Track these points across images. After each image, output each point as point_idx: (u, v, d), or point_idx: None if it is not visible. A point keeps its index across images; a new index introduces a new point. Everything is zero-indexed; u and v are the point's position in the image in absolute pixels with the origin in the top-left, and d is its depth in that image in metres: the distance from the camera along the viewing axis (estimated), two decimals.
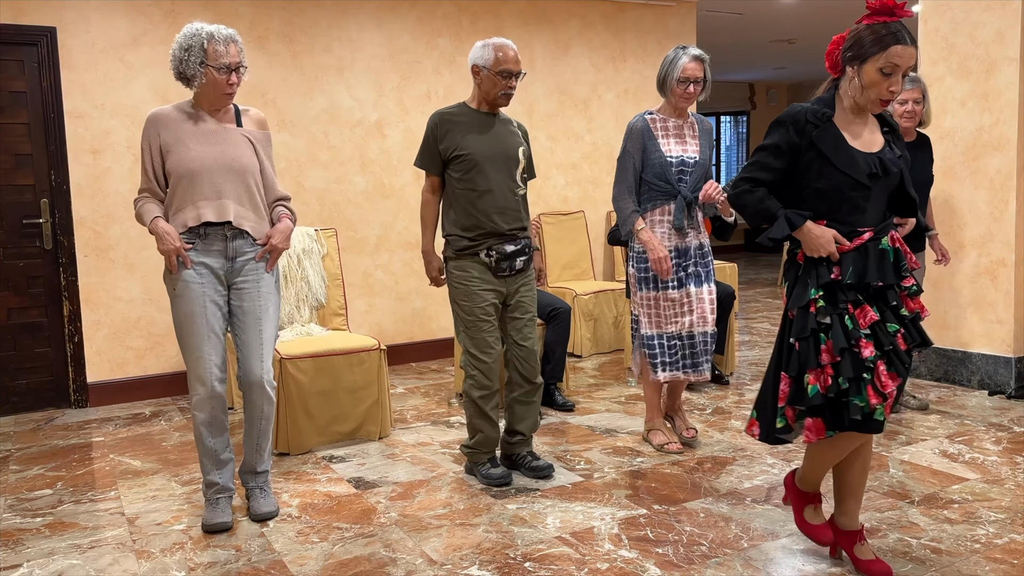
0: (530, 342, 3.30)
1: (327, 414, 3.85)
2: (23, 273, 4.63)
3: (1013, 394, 4.39)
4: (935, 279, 4.74)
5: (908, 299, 2.31)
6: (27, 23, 4.53)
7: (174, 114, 2.88)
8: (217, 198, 2.82)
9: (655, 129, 3.49)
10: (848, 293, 2.25)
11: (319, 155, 5.36)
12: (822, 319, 2.23)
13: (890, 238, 2.30)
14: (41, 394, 4.72)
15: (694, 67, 3.41)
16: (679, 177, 3.45)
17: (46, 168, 4.63)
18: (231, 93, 2.86)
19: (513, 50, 3.18)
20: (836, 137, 2.26)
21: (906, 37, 2.18)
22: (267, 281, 2.96)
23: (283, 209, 3.01)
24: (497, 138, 3.22)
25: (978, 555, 2.57)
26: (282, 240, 2.95)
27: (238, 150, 2.88)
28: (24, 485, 3.48)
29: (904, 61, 2.18)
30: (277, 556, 2.70)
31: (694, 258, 3.49)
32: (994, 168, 4.47)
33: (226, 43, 2.79)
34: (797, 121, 2.30)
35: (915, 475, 3.28)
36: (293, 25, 5.23)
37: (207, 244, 2.85)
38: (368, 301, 5.61)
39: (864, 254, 2.26)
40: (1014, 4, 4.32)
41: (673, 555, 2.62)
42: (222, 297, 2.89)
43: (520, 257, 3.25)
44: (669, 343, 3.49)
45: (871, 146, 2.30)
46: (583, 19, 6.29)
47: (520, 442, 3.40)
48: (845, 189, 2.25)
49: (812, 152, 2.28)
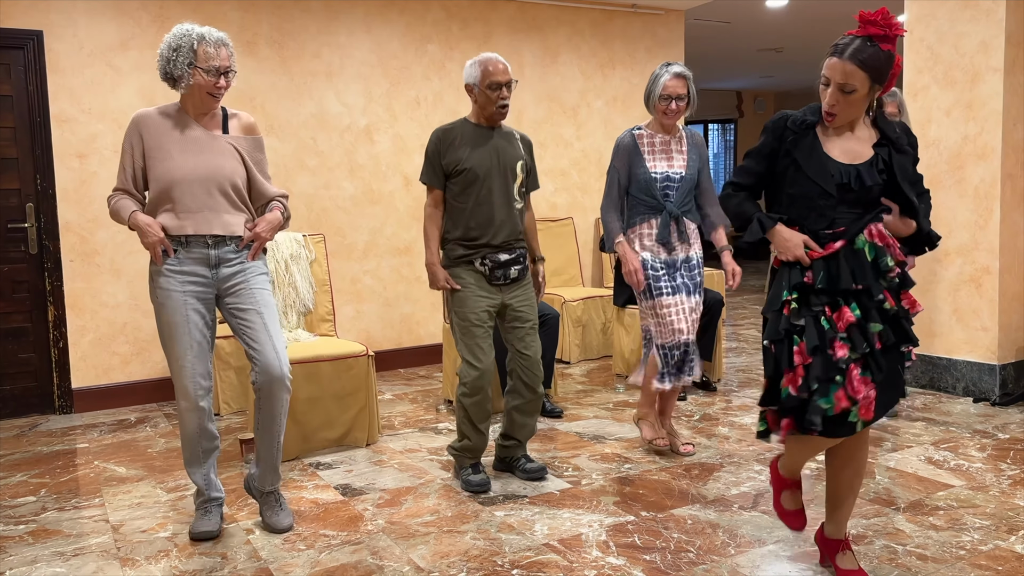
0: (532, 350, 3.30)
1: (314, 420, 3.83)
2: (8, 278, 4.59)
3: (998, 401, 4.43)
4: (920, 287, 4.77)
5: (890, 294, 2.26)
6: (13, 26, 4.50)
7: (158, 118, 2.80)
8: (198, 210, 2.75)
9: (642, 145, 3.54)
10: (821, 296, 2.24)
11: (307, 160, 5.35)
12: (795, 320, 2.23)
13: (867, 233, 2.27)
14: (25, 400, 4.68)
15: (675, 84, 3.45)
16: (664, 193, 3.50)
17: (32, 172, 4.60)
18: (218, 97, 2.79)
19: (500, 62, 3.21)
20: (811, 145, 2.27)
21: (842, 51, 2.17)
22: (259, 280, 2.88)
23: (276, 203, 2.94)
24: (495, 152, 3.25)
25: (963, 561, 2.58)
26: (266, 229, 2.85)
27: (221, 159, 2.80)
28: (7, 492, 3.44)
29: (832, 74, 2.19)
30: (263, 564, 2.68)
31: (680, 270, 3.53)
32: (978, 177, 4.51)
33: (217, 46, 2.73)
34: (777, 127, 2.33)
35: (901, 482, 3.30)
36: (282, 30, 5.22)
37: (189, 252, 2.78)
38: (356, 307, 5.59)
39: (836, 259, 2.25)
40: (998, 15, 4.37)
41: (660, 562, 2.62)
42: (206, 305, 2.82)
43: (515, 266, 3.27)
44: (671, 352, 3.51)
45: (855, 157, 2.28)
46: (572, 26, 6.32)
47: (515, 447, 3.43)
48: (814, 197, 2.26)
49: (788, 158, 2.30)
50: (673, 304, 3.48)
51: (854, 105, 2.23)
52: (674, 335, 3.46)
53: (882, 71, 2.18)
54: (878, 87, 2.23)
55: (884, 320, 2.24)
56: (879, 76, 2.19)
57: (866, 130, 2.33)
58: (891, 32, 2.17)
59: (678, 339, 3.47)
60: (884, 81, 2.22)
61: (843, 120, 2.27)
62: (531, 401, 3.33)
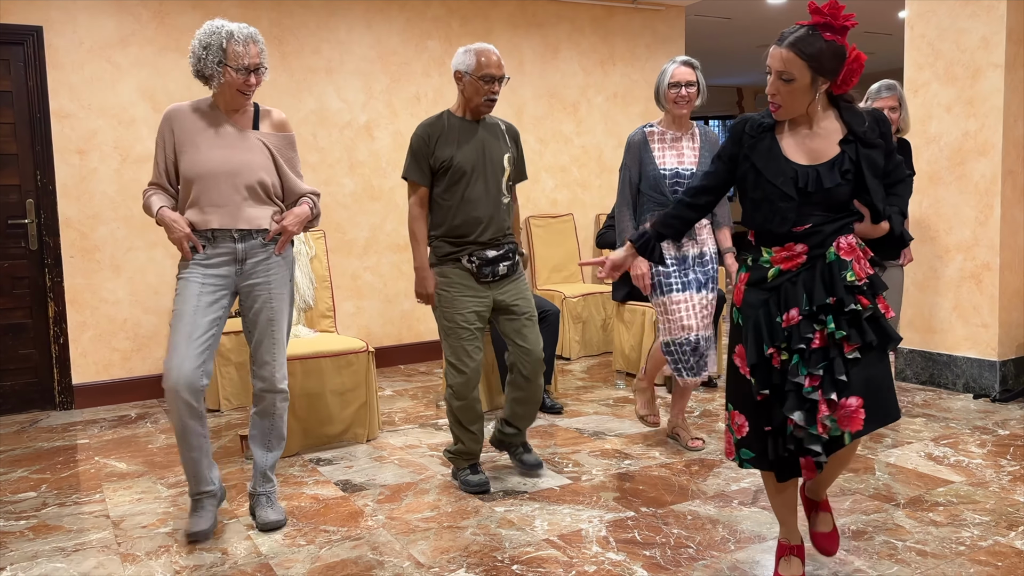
0: (530, 342, 3.23)
1: (314, 417, 3.84)
2: (8, 274, 4.59)
3: (998, 397, 4.43)
4: (920, 283, 4.77)
5: (864, 296, 2.16)
6: (13, 22, 4.50)
7: (190, 113, 2.82)
8: (224, 204, 2.77)
9: (652, 142, 3.54)
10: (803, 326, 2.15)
11: (307, 157, 5.35)
12: (794, 378, 2.14)
13: (836, 246, 2.18)
14: (25, 396, 4.68)
15: (683, 71, 3.46)
16: (674, 189, 3.49)
17: (32, 168, 4.60)
18: (248, 94, 2.79)
19: (495, 54, 3.15)
20: (769, 148, 2.21)
21: (783, 39, 2.13)
22: (278, 280, 2.88)
23: (306, 199, 2.94)
24: (482, 146, 3.17)
25: (963, 557, 2.58)
26: (294, 223, 2.86)
27: (249, 155, 2.81)
28: (8, 488, 3.44)
29: (772, 62, 2.14)
30: (263, 559, 2.69)
31: (692, 265, 3.52)
32: (979, 173, 4.51)
33: (246, 43, 2.71)
34: (736, 131, 2.29)
35: (901, 478, 3.30)
36: (282, 26, 5.22)
37: (215, 247, 2.79)
38: (356, 303, 5.59)
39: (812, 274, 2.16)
40: (999, 11, 4.36)
41: (660, 558, 2.63)
42: (220, 302, 2.80)
43: (503, 262, 3.20)
44: (682, 348, 3.51)
45: (816, 157, 2.19)
46: (572, 23, 6.31)
47: (514, 435, 3.40)
48: (775, 200, 2.18)
49: (747, 163, 2.25)
50: (683, 300, 3.48)
51: (795, 96, 2.14)
52: (682, 331, 3.46)
53: (823, 61, 2.10)
54: (822, 79, 2.13)
55: (856, 323, 2.14)
56: (819, 66, 2.10)
57: (832, 125, 2.22)
58: (836, 22, 2.09)
59: (686, 335, 3.47)
60: (830, 74, 2.13)
61: (788, 113, 2.18)
62: (531, 393, 3.29)
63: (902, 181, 2.29)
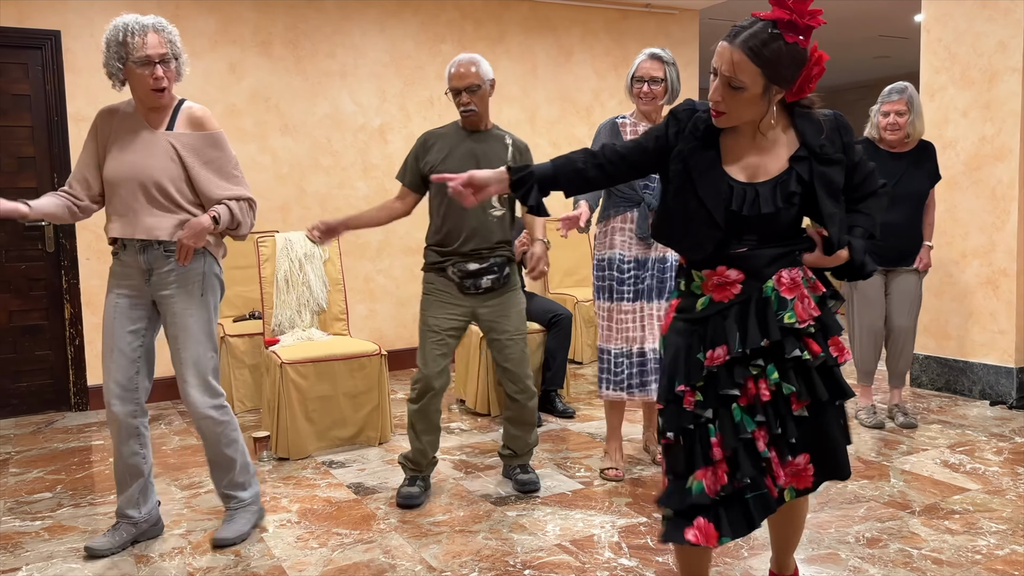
0: (512, 362, 3.18)
1: (327, 419, 3.85)
2: (25, 275, 4.63)
3: (1014, 404, 4.39)
4: (937, 288, 4.74)
5: (813, 340, 1.84)
6: (31, 26, 4.54)
7: (114, 115, 2.66)
8: (124, 213, 2.61)
9: (624, 133, 3.38)
10: (735, 370, 1.83)
11: (321, 160, 5.37)
12: (702, 412, 1.83)
13: (776, 280, 1.84)
14: (41, 397, 4.72)
15: (649, 66, 3.29)
16: (644, 184, 3.31)
17: (49, 171, 4.64)
18: (160, 90, 2.55)
19: (462, 65, 3.07)
20: (711, 157, 1.82)
21: (735, 35, 1.72)
22: (184, 293, 2.67)
23: (219, 206, 2.66)
24: (471, 157, 3.09)
25: (979, 566, 2.56)
26: (188, 235, 2.59)
27: (150, 159, 2.60)
28: (24, 488, 3.47)
29: (718, 62, 1.74)
30: (276, 561, 2.69)
31: (651, 270, 3.30)
32: (996, 178, 4.47)
33: (143, 33, 2.48)
34: (680, 122, 1.87)
35: (916, 485, 3.27)
36: (297, 30, 5.24)
37: (126, 256, 2.67)
38: (369, 306, 5.60)
39: (746, 311, 1.84)
40: (1016, 14, 4.33)
41: (673, 564, 2.61)
42: (138, 312, 2.70)
43: (487, 275, 3.13)
44: (616, 359, 3.32)
45: (758, 174, 1.82)
46: (585, 26, 6.31)
47: (510, 456, 3.36)
48: (697, 222, 1.81)
49: (681, 164, 1.84)
50: (631, 311, 3.30)
51: (743, 105, 1.74)
52: (626, 342, 3.29)
53: (779, 68, 1.70)
54: (777, 89, 1.75)
55: (804, 374, 1.84)
56: (775, 74, 1.71)
57: (782, 136, 1.83)
58: (800, 20, 1.68)
59: (630, 346, 3.29)
60: (785, 82, 1.74)
61: (731, 122, 1.78)
62: (519, 413, 3.24)
63: (873, 194, 1.93)
